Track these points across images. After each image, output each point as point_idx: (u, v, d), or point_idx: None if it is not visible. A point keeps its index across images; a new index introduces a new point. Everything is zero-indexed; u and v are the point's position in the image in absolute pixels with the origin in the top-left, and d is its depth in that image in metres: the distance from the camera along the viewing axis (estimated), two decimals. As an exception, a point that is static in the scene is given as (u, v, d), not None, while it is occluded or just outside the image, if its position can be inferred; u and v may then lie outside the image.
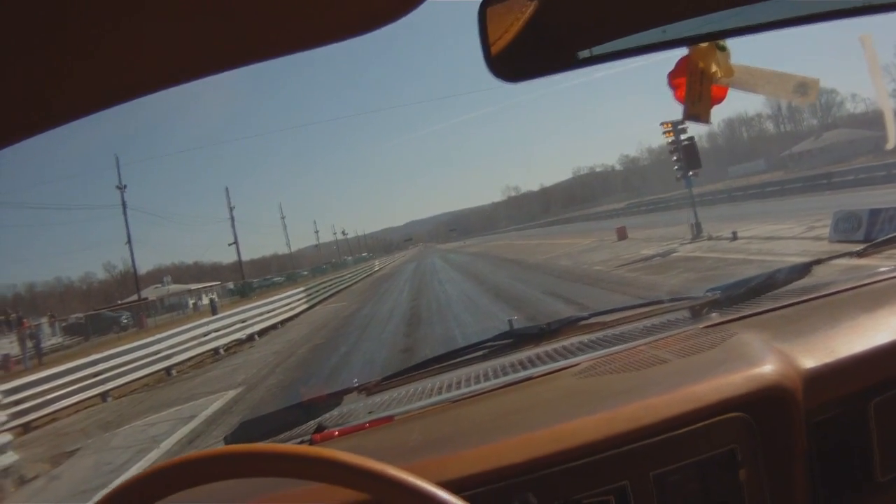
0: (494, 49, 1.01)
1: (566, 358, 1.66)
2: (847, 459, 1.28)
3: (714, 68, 1.37)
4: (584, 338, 1.84)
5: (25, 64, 0.60)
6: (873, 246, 2.05)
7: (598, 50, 1.07)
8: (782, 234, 16.94)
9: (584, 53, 1.06)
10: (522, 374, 1.62)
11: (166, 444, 8.92)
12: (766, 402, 1.21)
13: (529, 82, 1.08)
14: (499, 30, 1.00)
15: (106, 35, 0.59)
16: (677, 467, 1.16)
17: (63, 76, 0.64)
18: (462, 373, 1.79)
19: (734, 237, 18.13)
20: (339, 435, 1.48)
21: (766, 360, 1.28)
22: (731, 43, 1.38)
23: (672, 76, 1.41)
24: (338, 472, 0.78)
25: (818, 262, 2.00)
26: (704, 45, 1.35)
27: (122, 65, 0.64)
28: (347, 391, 1.81)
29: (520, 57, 1.03)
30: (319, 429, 1.51)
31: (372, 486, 0.77)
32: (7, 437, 9.94)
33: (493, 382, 1.61)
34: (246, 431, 1.77)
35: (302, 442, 1.50)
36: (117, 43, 0.61)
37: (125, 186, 43.57)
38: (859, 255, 2.06)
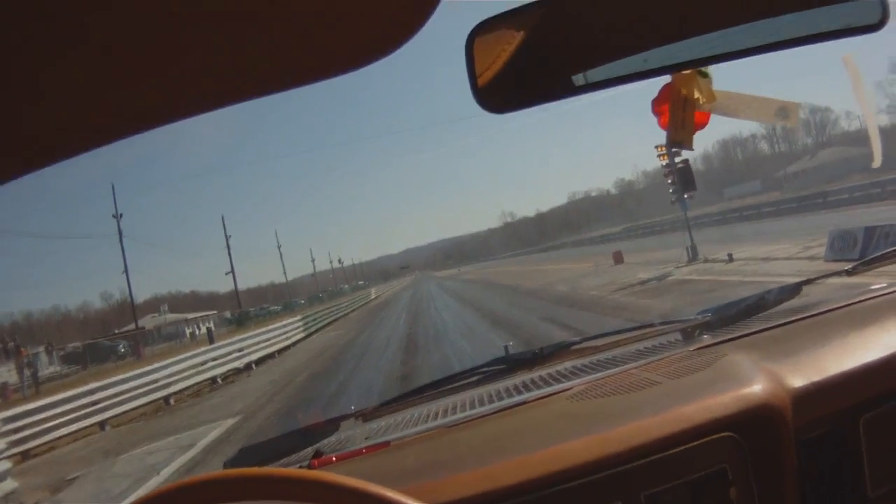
0: (481, 81, 1.04)
1: (559, 382, 1.67)
2: (837, 476, 1.30)
3: (696, 94, 1.39)
4: (577, 362, 1.85)
5: (26, 100, 0.62)
6: (863, 264, 2.07)
7: (583, 79, 1.09)
8: (778, 255, 16.98)
9: (571, 83, 1.09)
10: (516, 398, 1.63)
11: (165, 473, 8.90)
12: (755, 421, 1.23)
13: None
14: (486, 62, 1.03)
15: (103, 74, 0.61)
16: (669, 487, 1.17)
17: (61, 115, 0.66)
18: (457, 398, 1.80)
19: (730, 259, 18.17)
20: (337, 460, 1.49)
21: (756, 380, 1.30)
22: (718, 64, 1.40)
23: (656, 103, 1.43)
24: (337, 495, 0.79)
25: (809, 282, 2.02)
26: (687, 72, 1.37)
27: (118, 104, 0.66)
28: (345, 417, 1.83)
29: (505, 89, 1.05)
30: (317, 454, 1.52)
31: None
32: (6, 465, 9.93)
33: (487, 407, 1.63)
34: (245, 457, 1.78)
35: (300, 467, 1.50)
36: (114, 83, 0.63)
37: (121, 215, 43.18)
38: (849, 273, 2.07)
